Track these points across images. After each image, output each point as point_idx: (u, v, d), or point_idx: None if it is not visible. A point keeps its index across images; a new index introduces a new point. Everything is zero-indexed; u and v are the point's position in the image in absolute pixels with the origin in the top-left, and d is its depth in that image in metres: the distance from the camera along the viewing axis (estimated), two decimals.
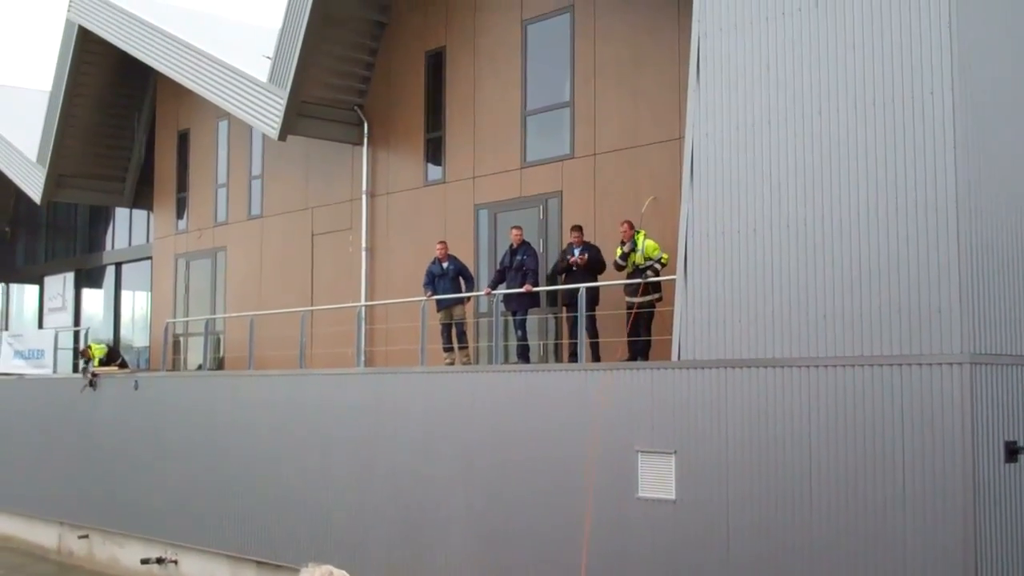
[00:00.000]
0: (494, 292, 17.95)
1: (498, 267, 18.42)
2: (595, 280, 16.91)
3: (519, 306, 17.82)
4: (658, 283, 16.25)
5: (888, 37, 12.43)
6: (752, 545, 12.89)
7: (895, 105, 12.30)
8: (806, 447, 12.52)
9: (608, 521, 14.32)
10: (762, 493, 12.85)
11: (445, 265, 18.88)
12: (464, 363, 18.50)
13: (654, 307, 16.32)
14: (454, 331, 18.74)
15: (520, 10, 19.85)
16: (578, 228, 17.45)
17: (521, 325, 17.88)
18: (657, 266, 16.23)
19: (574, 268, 17.01)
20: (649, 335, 16.23)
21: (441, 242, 19.25)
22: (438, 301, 18.74)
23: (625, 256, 16.49)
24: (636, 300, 16.08)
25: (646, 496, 14.00)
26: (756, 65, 13.59)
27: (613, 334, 16.74)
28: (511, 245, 18.13)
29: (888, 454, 11.88)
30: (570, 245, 17.35)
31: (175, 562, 22.18)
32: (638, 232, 16.55)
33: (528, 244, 18.18)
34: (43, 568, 25.76)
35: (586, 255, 16.97)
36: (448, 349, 18.75)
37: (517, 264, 17.82)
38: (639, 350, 16.09)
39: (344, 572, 4.88)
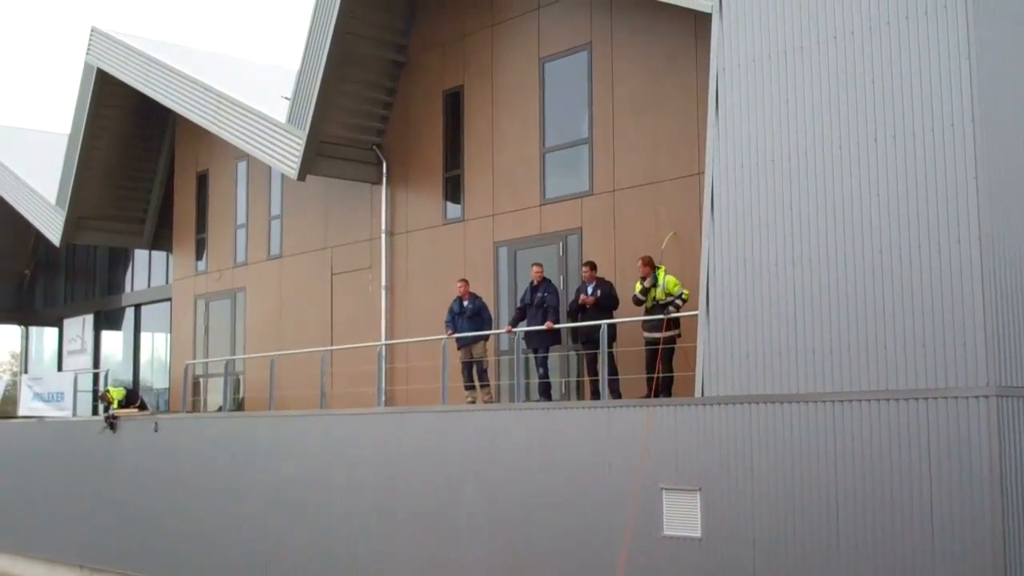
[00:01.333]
0: (515, 330, 17.90)
1: (518, 304, 18.36)
2: (610, 316, 16.81)
3: (540, 344, 17.76)
4: (678, 319, 16.19)
5: (908, 71, 12.42)
6: None
7: (915, 139, 12.28)
8: (832, 483, 12.42)
9: (633, 560, 14.19)
10: (789, 530, 12.73)
11: (466, 303, 18.86)
12: (486, 401, 18.43)
13: (675, 343, 16.25)
14: (475, 369, 18.68)
15: (537, 48, 19.91)
16: (589, 264, 17.43)
17: (543, 363, 17.82)
18: (678, 302, 16.15)
19: (585, 307, 16.98)
20: (671, 371, 16.15)
21: (462, 280, 19.23)
22: (459, 339, 18.70)
23: (645, 291, 16.42)
24: (659, 336, 15.99)
25: (672, 534, 13.88)
26: (775, 100, 13.59)
27: (632, 371, 16.65)
28: (532, 282, 18.10)
29: (915, 489, 11.77)
30: (583, 282, 17.30)
31: None
32: (658, 267, 16.50)
33: (548, 281, 18.16)
34: None
35: (598, 293, 16.94)
36: (470, 387, 18.70)
37: (538, 301, 17.77)
38: (661, 387, 16.00)
39: None
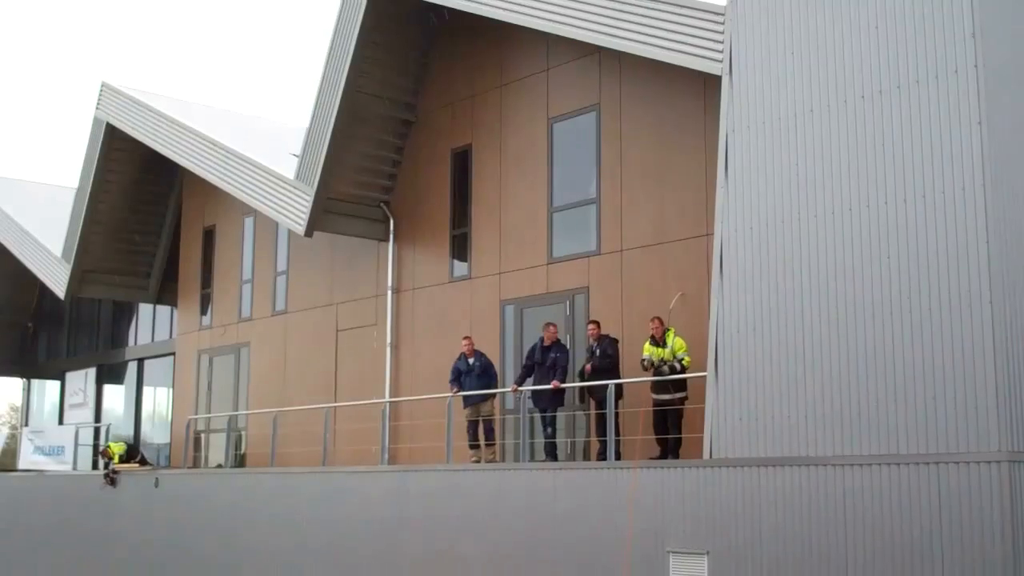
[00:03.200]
0: (521, 389, 17.82)
1: (525, 362, 18.30)
2: (614, 374, 16.76)
3: (548, 403, 17.67)
4: (684, 381, 16.12)
5: (918, 135, 12.48)
6: None
7: (926, 203, 12.32)
8: (842, 546, 12.31)
9: None
10: None
11: (471, 361, 18.79)
12: (490, 460, 18.32)
13: (683, 404, 16.19)
14: (481, 428, 18.57)
15: (546, 108, 20.02)
16: (594, 323, 17.42)
17: (551, 423, 17.73)
18: (677, 366, 16.09)
19: (587, 373, 16.95)
20: (679, 433, 16.06)
21: (466, 337, 19.18)
22: (465, 397, 18.62)
23: (652, 360, 16.26)
24: (666, 397, 15.93)
25: None
26: (785, 162, 13.64)
27: (635, 431, 16.56)
28: (542, 340, 18.01)
29: (926, 554, 11.67)
30: (591, 343, 17.23)
31: None
32: (668, 329, 16.46)
33: (559, 342, 18.09)
34: None
35: (593, 360, 16.93)
36: (475, 446, 18.57)
37: (550, 361, 17.69)
38: (669, 449, 15.93)
39: None
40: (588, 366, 17.05)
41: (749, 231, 13.83)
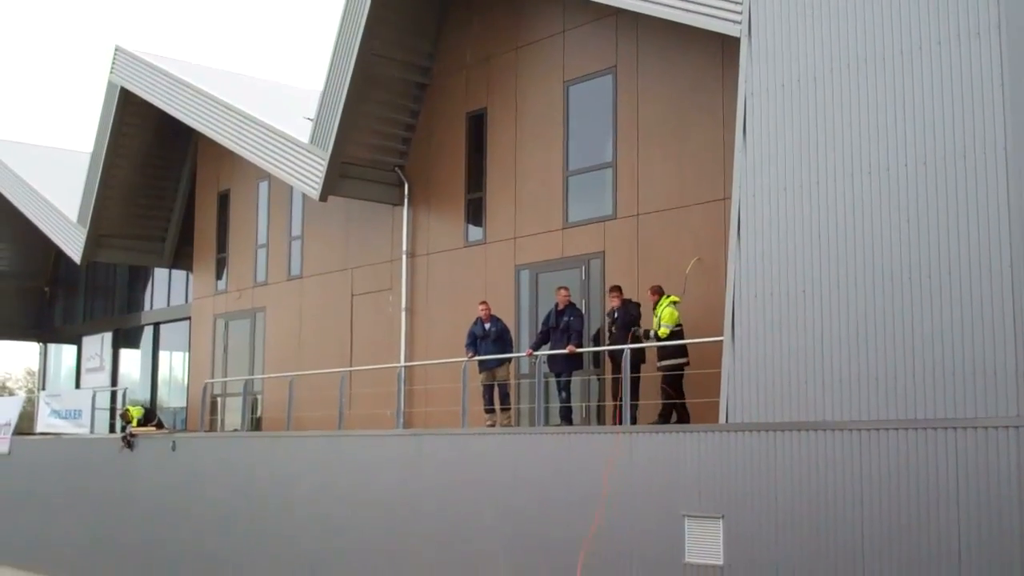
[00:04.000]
0: (536, 353, 17.81)
1: (541, 328, 18.27)
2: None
3: (564, 368, 17.65)
4: (684, 347, 16.22)
5: (939, 96, 12.34)
6: None
7: (946, 165, 12.18)
8: (858, 511, 12.26)
9: None
10: (812, 558, 12.57)
11: (487, 326, 18.76)
12: (505, 424, 18.33)
13: (683, 370, 16.31)
14: (496, 393, 18.57)
15: (562, 71, 19.88)
16: (615, 288, 17.37)
17: (565, 387, 17.72)
18: (651, 333, 16.32)
19: (610, 332, 16.91)
20: (666, 398, 16.22)
21: (483, 302, 19.15)
22: (481, 362, 18.61)
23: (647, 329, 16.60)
24: (664, 363, 16.23)
25: (693, 562, 13.73)
26: (804, 124, 13.52)
27: (656, 396, 16.55)
28: (556, 306, 18.00)
29: (942, 518, 11.61)
30: (612, 309, 17.22)
31: None
32: (664, 297, 16.61)
33: (574, 305, 18.06)
34: None
35: (616, 319, 16.94)
36: (490, 411, 18.58)
37: (563, 325, 17.67)
38: (669, 413, 16.17)
39: None
40: (612, 329, 16.92)
41: (767, 195, 13.73)
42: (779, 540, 12.90)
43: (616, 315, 17.15)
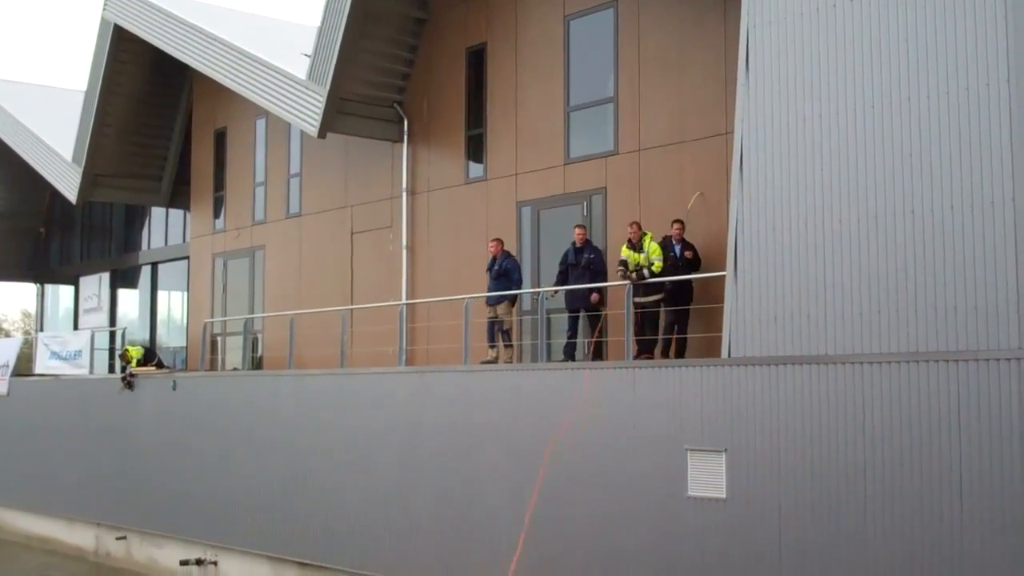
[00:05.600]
0: (558, 289, 17.73)
1: (560, 266, 18.04)
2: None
3: (582, 304, 17.57)
4: (661, 284, 16.35)
5: (943, 29, 12.23)
6: (804, 543, 12.69)
7: (949, 98, 12.10)
8: (859, 444, 12.32)
9: (658, 520, 14.16)
10: (814, 491, 12.66)
11: (496, 262, 18.71)
12: (506, 361, 18.34)
13: (660, 307, 16.55)
14: (497, 329, 18.58)
15: (562, 6, 19.69)
16: (679, 222, 16.94)
17: (573, 324, 17.70)
18: (645, 272, 16.34)
19: (680, 264, 16.76)
20: (655, 333, 16.43)
21: (495, 239, 19.06)
22: (487, 297, 18.60)
23: (624, 261, 16.65)
24: (640, 300, 16.38)
25: (696, 495, 13.82)
26: (807, 58, 13.42)
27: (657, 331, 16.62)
28: (573, 244, 17.84)
29: (944, 451, 11.68)
30: (667, 238, 16.90)
31: (215, 563, 22.11)
32: (645, 235, 16.63)
33: (591, 243, 17.94)
34: (81, 569, 25.76)
35: (691, 252, 16.86)
36: (492, 345, 18.59)
37: (585, 262, 17.55)
38: (645, 348, 16.39)
39: None
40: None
41: (770, 129, 13.65)
42: (782, 473, 12.97)
43: (691, 251, 17.02)
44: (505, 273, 18.66)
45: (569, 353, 17.66)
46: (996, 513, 11.27)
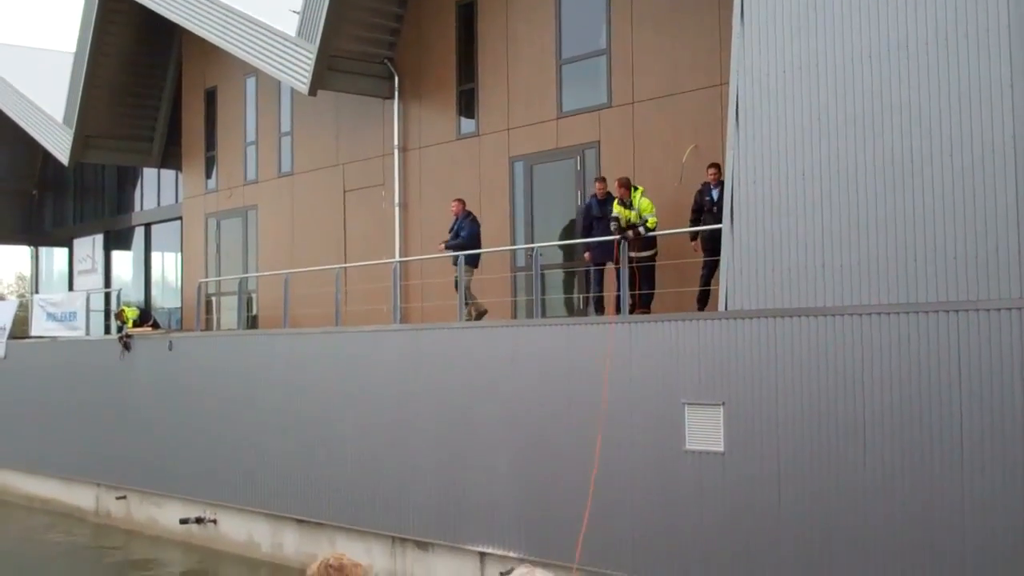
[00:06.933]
0: (590, 240, 17.27)
1: (583, 222, 17.67)
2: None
3: (606, 257, 17.13)
4: (654, 239, 16.26)
5: None
6: (802, 497, 12.66)
7: (949, 45, 11.94)
8: (858, 396, 12.26)
9: (655, 474, 14.12)
10: (813, 443, 12.61)
11: (457, 222, 18.59)
12: (467, 319, 18.10)
13: (654, 261, 16.43)
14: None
15: None
16: (715, 165, 16.15)
17: (599, 277, 17.37)
18: (642, 230, 16.20)
19: (718, 209, 16.07)
20: (651, 288, 16.38)
21: (456, 199, 19.08)
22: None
23: (616, 218, 16.45)
24: (635, 255, 16.20)
25: (694, 448, 13.77)
26: (802, 6, 13.22)
27: (669, 284, 16.52)
28: (595, 196, 17.46)
29: (944, 402, 11.61)
30: (707, 185, 16.34)
31: (214, 522, 22.13)
32: (635, 189, 16.46)
33: (612, 195, 17.58)
34: (81, 529, 25.80)
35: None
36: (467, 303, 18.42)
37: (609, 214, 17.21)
38: (641, 302, 16.26)
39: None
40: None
41: (766, 79, 13.48)
42: (779, 426, 12.92)
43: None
44: (456, 234, 18.52)
45: (599, 307, 17.39)
46: (997, 464, 11.22)
